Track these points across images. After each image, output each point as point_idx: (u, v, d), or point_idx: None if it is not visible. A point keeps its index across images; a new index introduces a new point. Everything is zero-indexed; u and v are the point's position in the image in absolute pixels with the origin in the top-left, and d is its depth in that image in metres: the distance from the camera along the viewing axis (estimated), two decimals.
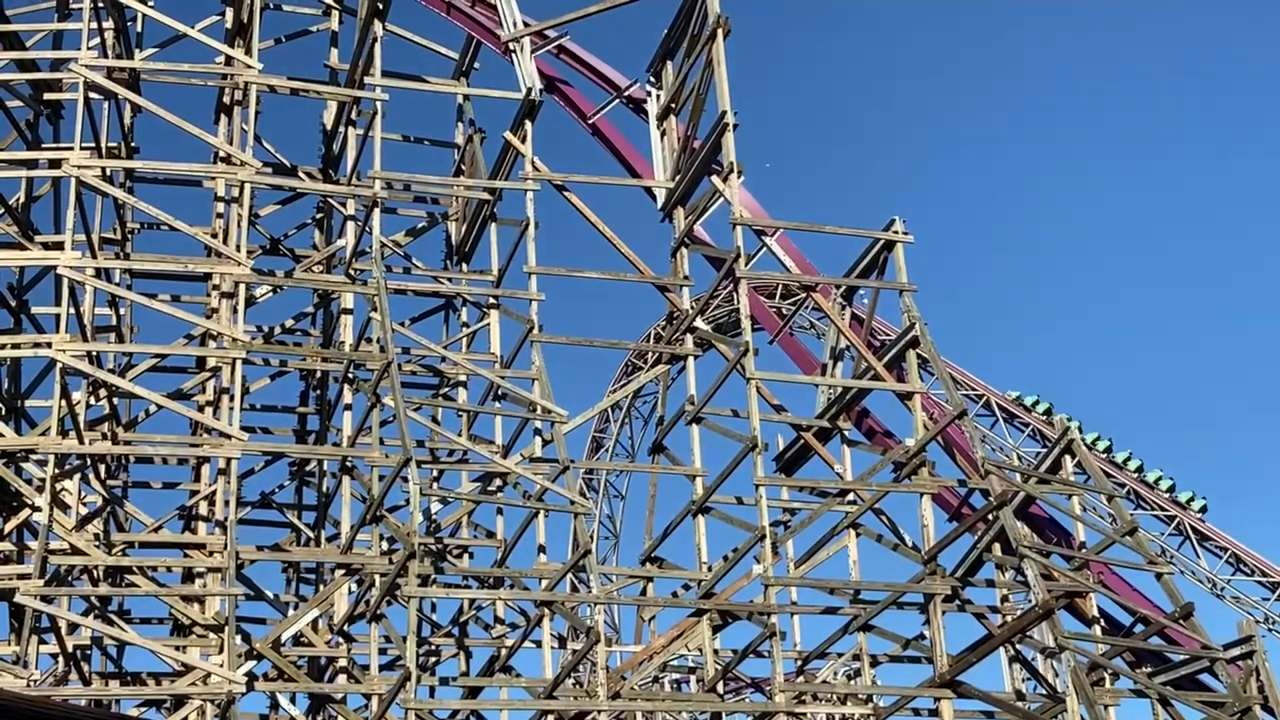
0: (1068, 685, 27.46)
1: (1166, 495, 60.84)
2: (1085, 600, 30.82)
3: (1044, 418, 60.94)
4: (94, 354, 30.70)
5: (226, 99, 35.40)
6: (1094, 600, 30.94)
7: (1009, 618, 30.23)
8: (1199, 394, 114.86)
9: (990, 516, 29.73)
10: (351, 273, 33.11)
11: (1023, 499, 31.40)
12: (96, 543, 29.54)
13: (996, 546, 30.05)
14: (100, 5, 32.56)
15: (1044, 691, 32.10)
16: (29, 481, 29.43)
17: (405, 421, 28.54)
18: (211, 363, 32.88)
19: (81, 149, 30.44)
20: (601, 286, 39.21)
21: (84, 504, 30.33)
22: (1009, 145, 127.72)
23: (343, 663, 31.17)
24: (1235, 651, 29.26)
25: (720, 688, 30.82)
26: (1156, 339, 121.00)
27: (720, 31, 33.20)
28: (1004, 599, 31.19)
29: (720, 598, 30.78)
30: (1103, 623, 31.03)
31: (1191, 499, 61.03)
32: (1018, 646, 31.22)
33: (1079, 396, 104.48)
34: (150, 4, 34.83)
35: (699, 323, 34.13)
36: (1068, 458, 32.45)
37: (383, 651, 30.78)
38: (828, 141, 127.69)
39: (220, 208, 34.91)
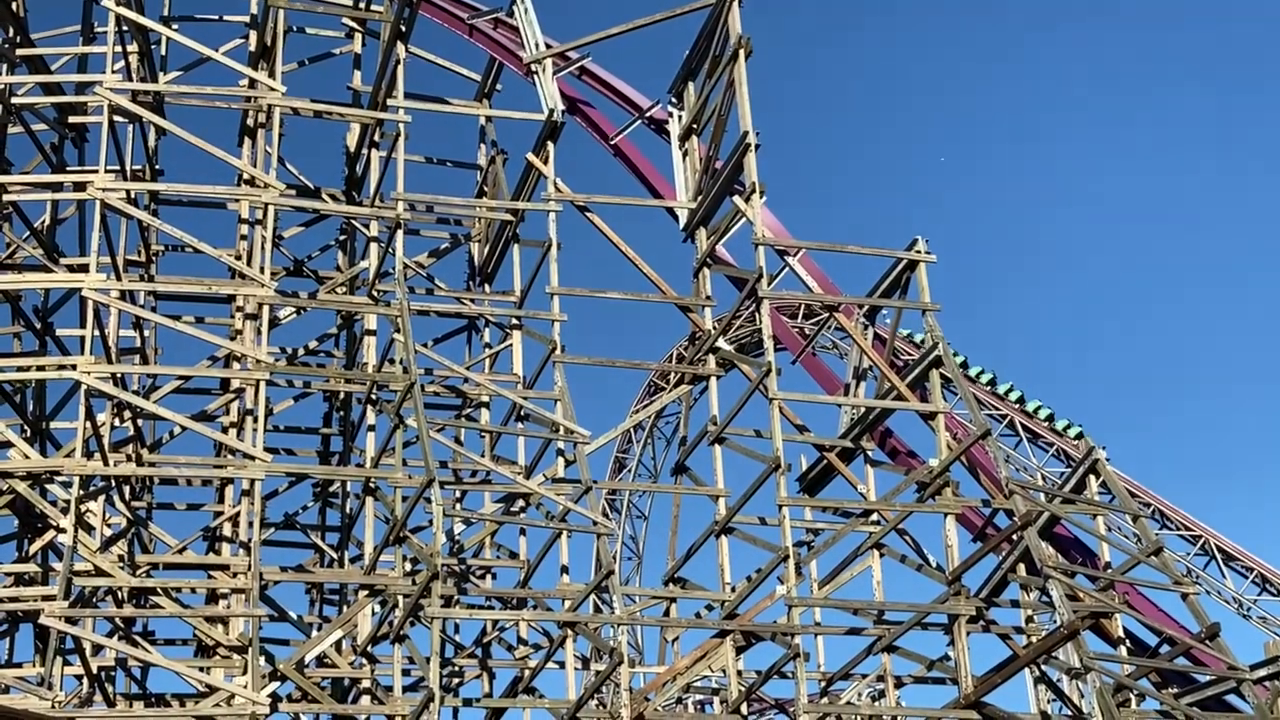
0: (1093, 706, 27.31)
1: (1046, 424, 60.84)
2: (1111, 621, 30.63)
3: (1065, 434, 60.82)
4: (119, 376, 30.87)
5: (250, 121, 35.55)
6: (1119, 621, 30.75)
7: (1034, 638, 30.07)
8: (1236, 408, 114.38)
9: (1015, 537, 29.61)
10: (374, 294, 33.23)
11: (1047, 519, 31.27)
12: (121, 564, 29.61)
13: (1021, 567, 29.91)
14: (125, 29, 32.78)
15: (1069, 713, 31.87)
16: (54, 503, 29.55)
17: (428, 442, 28.55)
18: (235, 384, 32.98)
19: (106, 172, 30.54)
20: (624, 307, 39.12)
21: (108, 526, 30.39)
22: (1031, 160, 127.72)
23: (366, 684, 31.15)
24: (1262, 672, 29.06)
25: (744, 709, 30.69)
26: (1179, 355, 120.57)
27: (742, 52, 33.20)
28: (1029, 619, 31.03)
29: (744, 619, 30.69)
30: (1128, 643, 30.84)
31: (1068, 426, 60.82)
32: (1043, 667, 31.00)
33: (1101, 412, 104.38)
34: (174, 27, 35.12)
35: (721, 343, 34.07)
36: (1092, 477, 32.36)
37: (406, 673, 30.72)
38: (850, 160, 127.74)
39: (244, 230, 35.08)
